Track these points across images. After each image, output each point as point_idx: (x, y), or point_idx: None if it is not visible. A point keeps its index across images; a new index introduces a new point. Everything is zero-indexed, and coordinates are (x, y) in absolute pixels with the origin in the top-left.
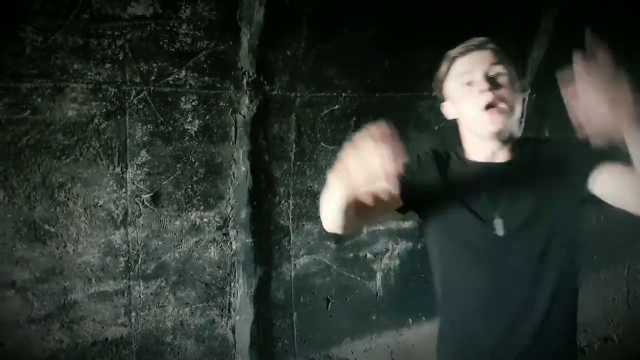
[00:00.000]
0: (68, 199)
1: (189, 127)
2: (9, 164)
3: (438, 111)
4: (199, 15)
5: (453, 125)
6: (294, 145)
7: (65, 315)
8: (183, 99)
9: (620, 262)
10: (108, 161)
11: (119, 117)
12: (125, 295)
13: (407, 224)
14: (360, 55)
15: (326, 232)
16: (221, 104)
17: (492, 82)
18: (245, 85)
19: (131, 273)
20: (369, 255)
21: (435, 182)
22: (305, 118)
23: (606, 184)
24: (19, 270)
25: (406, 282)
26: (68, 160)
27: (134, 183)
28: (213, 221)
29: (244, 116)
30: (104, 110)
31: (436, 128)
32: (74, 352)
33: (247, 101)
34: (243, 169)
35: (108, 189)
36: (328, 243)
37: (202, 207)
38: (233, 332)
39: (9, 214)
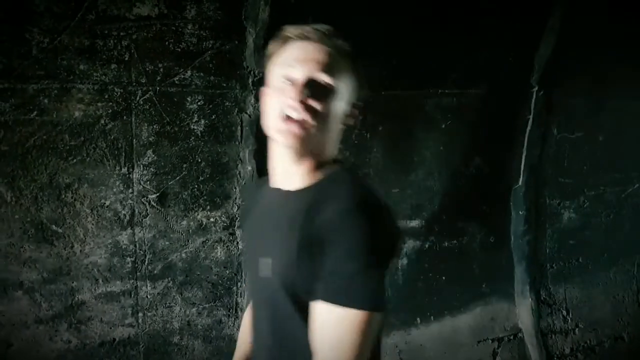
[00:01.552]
0: (75, 200)
1: (195, 127)
2: (16, 164)
3: (445, 109)
4: (205, 15)
5: (460, 124)
6: None
7: (72, 315)
8: (189, 98)
9: (630, 260)
10: (114, 161)
11: (125, 117)
12: (133, 295)
13: (414, 223)
14: (367, 53)
15: None
16: (227, 103)
17: (311, 92)
18: (251, 84)
19: (138, 273)
20: None
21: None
22: None
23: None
24: (26, 270)
25: (414, 281)
26: (75, 160)
27: (140, 183)
28: (220, 221)
29: (250, 115)
30: (110, 110)
31: (443, 126)
32: (82, 352)
33: (252, 100)
34: (249, 168)
35: (115, 190)
36: None
37: (208, 207)
38: None
39: (16, 215)
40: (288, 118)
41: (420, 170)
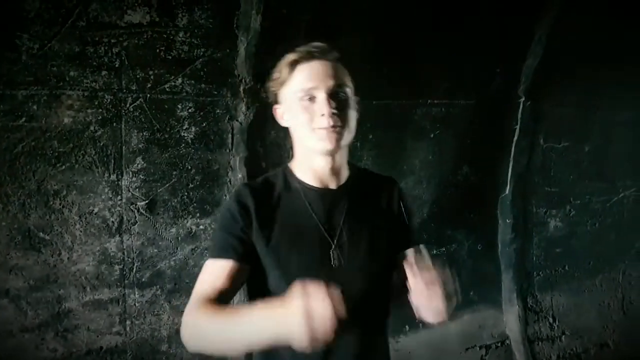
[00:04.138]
0: (63, 207)
1: (186, 134)
2: (3, 171)
3: (434, 119)
4: (196, 23)
5: (449, 133)
6: (291, 152)
7: (59, 324)
8: (179, 106)
9: (616, 268)
10: (103, 168)
11: (114, 124)
12: (120, 303)
13: None
14: (357, 63)
15: None
16: (218, 111)
17: (335, 104)
18: (242, 92)
19: (126, 281)
20: None
21: (260, 222)
22: None
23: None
24: (13, 278)
25: None
26: (63, 167)
27: (129, 190)
28: (209, 228)
29: (240, 123)
30: (100, 117)
31: (432, 135)
32: None
33: (243, 108)
34: (240, 175)
35: (103, 197)
36: None
37: (198, 214)
38: None
39: (3, 222)
40: (321, 129)
41: (409, 179)
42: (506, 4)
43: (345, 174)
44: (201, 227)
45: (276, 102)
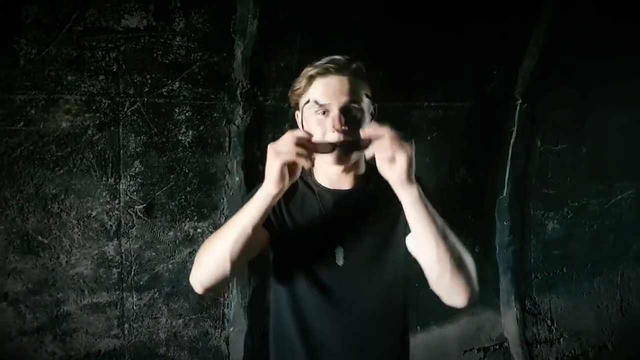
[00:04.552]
0: (61, 210)
1: (183, 138)
2: (2, 175)
3: (431, 121)
4: (193, 27)
5: (446, 136)
6: None
7: (57, 327)
8: (177, 110)
9: (614, 270)
10: (101, 172)
11: (112, 128)
12: (118, 306)
13: None
14: None
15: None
16: (215, 114)
17: (347, 119)
18: (239, 96)
19: (124, 284)
20: None
21: (280, 211)
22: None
23: (412, 249)
24: (11, 282)
25: None
26: (61, 171)
27: (127, 194)
28: (207, 231)
29: (237, 127)
30: (98, 121)
31: (429, 138)
32: None
33: (241, 112)
34: (237, 179)
35: (101, 200)
36: None
37: (195, 218)
38: (227, 343)
39: (1, 226)
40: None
41: None
42: (503, 6)
43: (360, 173)
44: (199, 230)
45: (297, 109)
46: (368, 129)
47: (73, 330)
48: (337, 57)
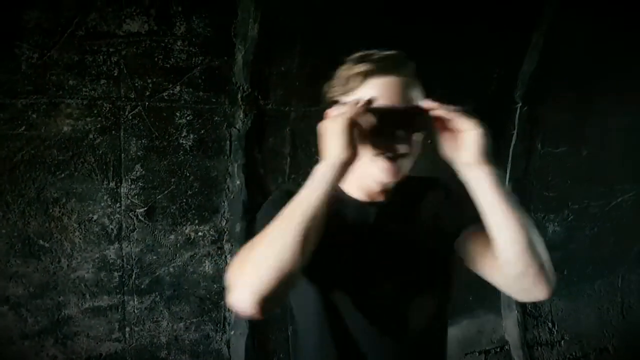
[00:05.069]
0: (62, 214)
1: (184, 142)
2: (3, 179)
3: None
4: (194, 31)
5: None
6: (289, 159)
7: (59, 330)
8: (178, 113)
9: (615, 272)
10: (102, 176)
11: (113, 132)
12: (120, 310)
13: None
14: None
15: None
16: (216, 118)
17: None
18: (240, 99)
19: (125, 288)
20: None
21: None
22: (299, 132)
23: (469, 248)
24: (12, 285)
25: None
26: (63, 175)
27: (128, 197)
28: (208, 235)
29: (238, 130)
30: (99, 125)
31: (429, 141)
32: None
33: (241, 115)
34: (238, 182)
35: (102, 204)
36: None
37: (196, 221)
38: (228, 346)
39: (3, 229)
40: (384, 158)
41: None
42: (503, 9)
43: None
44: (200, 233)
45: (330, 107)
46: (427, 103)
47: (74, 333)
48: (392, 52)
